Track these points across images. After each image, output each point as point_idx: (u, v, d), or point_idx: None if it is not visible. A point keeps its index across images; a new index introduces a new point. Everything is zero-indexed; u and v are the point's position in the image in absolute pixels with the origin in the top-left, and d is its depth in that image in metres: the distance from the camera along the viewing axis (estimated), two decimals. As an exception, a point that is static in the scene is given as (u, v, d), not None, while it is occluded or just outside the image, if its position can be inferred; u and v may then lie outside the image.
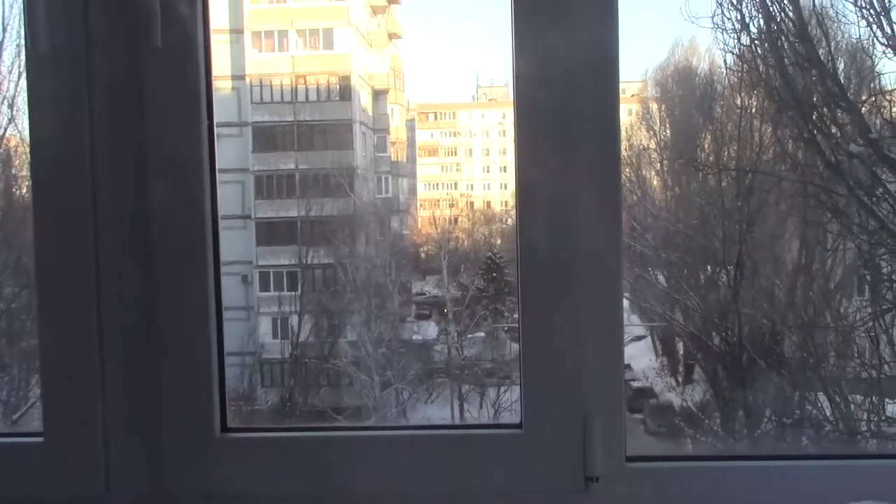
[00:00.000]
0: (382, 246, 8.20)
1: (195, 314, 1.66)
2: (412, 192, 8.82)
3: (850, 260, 5.65)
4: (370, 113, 8.11)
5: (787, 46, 4.79)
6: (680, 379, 7.59)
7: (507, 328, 8.14)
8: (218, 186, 1.67)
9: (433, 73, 8.71)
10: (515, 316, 7.74)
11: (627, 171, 6.72)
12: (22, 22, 1.63)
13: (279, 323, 7.75)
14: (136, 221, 1.63)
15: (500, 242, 8.73)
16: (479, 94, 8.90)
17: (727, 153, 6.17)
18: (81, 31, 1.60)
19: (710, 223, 6.28)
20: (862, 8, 4.58)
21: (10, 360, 6.00)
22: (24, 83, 1.70)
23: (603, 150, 1.61)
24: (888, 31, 4.59)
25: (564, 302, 1.61)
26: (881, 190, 4.77)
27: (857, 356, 5.35)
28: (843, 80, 4.85)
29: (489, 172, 8.78)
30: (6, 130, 5.84)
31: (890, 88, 4.68)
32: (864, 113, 4.79)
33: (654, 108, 7.19)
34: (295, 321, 7.70)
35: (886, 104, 4.71)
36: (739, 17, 4.89)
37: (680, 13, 5.02)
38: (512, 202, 8.82)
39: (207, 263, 1.65)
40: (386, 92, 8.23)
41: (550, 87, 1.58)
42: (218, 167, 1.68)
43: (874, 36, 4.60)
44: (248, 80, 7.56)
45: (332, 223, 7.86)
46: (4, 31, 5.51)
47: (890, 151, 4.65)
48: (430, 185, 8.88)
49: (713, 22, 4.89)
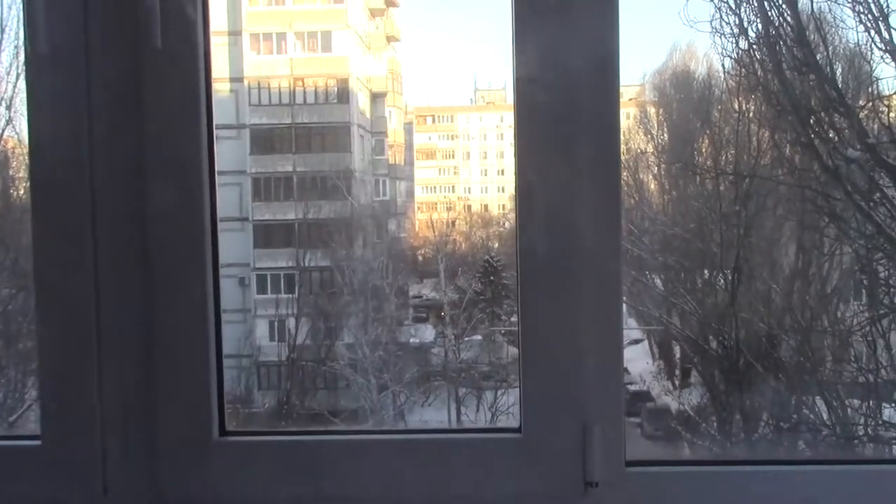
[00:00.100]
0: (380, 249, 8.20)
1: (194, 316, 1.65)
2: (410, 195, 8.82)
3: (846, 264, 5.65)
4: (368, 116, 8.11)
5: (785, 51, 4.80)
6: (677, 383, 7.59)
7: (504, 331, 8.14)
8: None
9: (431, 76, 8.72)
10: (513, 319, 7.79)
11: (625, 174, 6.73)
12: (20, 23, 1.63)
13: (276, 325, 7.74)
14: (134, 223, 1.62)
15: (497, 245, 8.74)
16: (476, 97, 8.92)
17: (725, 157, 6.18)
18: (81, 31, 1.59)
19: (707, 227, 6.29)
20: (860, 14, 4.58)
21: (6, 361, 5.99)
22: (21, 84, 1.70)
23: (603, 153, 1.60)
24: (886, 36, 4.59)
25: (564, 306, 1.60)
26: (878, 195, 4.77)
27: (854, 360, 5.35)
28: (840, 85, 4.86)
29: (487, 176, 8.78)
30: (4, 132, 5.84)
31: (888, 94, 4.69)
32: (861, 118, 4.79)
33: (651, 111, 7.20)
34: (292, 324, 7.70)
35: (884, 109, 4.71)
36: (738, 21, 4.90)
37: (678, 17, 5.03)
38: (509, 205, 8.84)
39: (206, 266, 1.65)
40: (384, 95, 8.23)
41: (551, 90, 1.58)
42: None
43: (872, 41, 4.61)
44: (246, 82, 7.56)
45: (329, 226, 7.86)
46: (3, 31, 5.51)
47: (887, 156, 4.65)
48: (427, 188, 8.88)
49: (712, 26, 4.90)
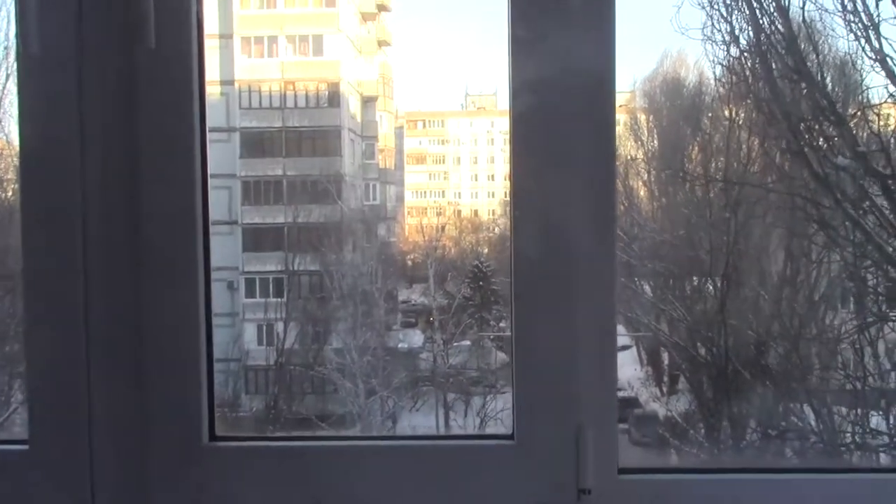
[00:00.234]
0: (369, 253, 8.19)
1: (184, 320, 1.64)
2: (400, 199, 8.81)
3: (834, 272, 5.67)
4: (359, 120, 8.10)
5: (776, 59, 4.81)
6: (665, 389, 7.60)
7: (492, 337, 8.13)
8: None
9: (422, 80, 8.71)
10: (501, 324, 7.77)
11: (615, 180, 6.73)
12: (11, 23, 1.61)
13: (264, 329, 7.71)
14: (126, 225, 1.61)
15: (486, 251, 8.74)
16: (467, 102, 8.92)
17: (715, 165, 6.20)
18: (73, 32, 1.58)
19: (696, 234, 6.30)
20: (850, 22, 4.60)
21: (-8, 364, 5.94)
22: (10, 85, 1.68)
23: (598, 160, 1.60)
24: (876, 45, 4.61)
25: (557, 312, 1.60)
26: (868, 203, 4.79)
27: (841, 368, 5.37)
28: (831, 93, 4.87)
29: (477, 181, 8.78)
30: (-7, 133, 5.79)
31: (877, 102, 4.71)
32: (851, 126, 4.81)
33: (641, 118, 7.22)
34: (280, 328, 7.67)
35: (874, 117, 4.72)
36: (729, 29, 4.91)
37: (669, 25, 5.04)
38: (499, 211, 8.84)
39: (197, 269, 1.63)
40: (375, 99, 8.22)
41: (546, 97, 1.57)
42: (205, 172, 1.66)
43: (862, 50, 4.63)
44: (236, 85, 7.54)
45: (319, 230, 7.84)
46: (-6, 31, 5.47)
47: (877, 165, 4.67)
48: (417, 192, 8.88)
49: (703, 33, 4.92)
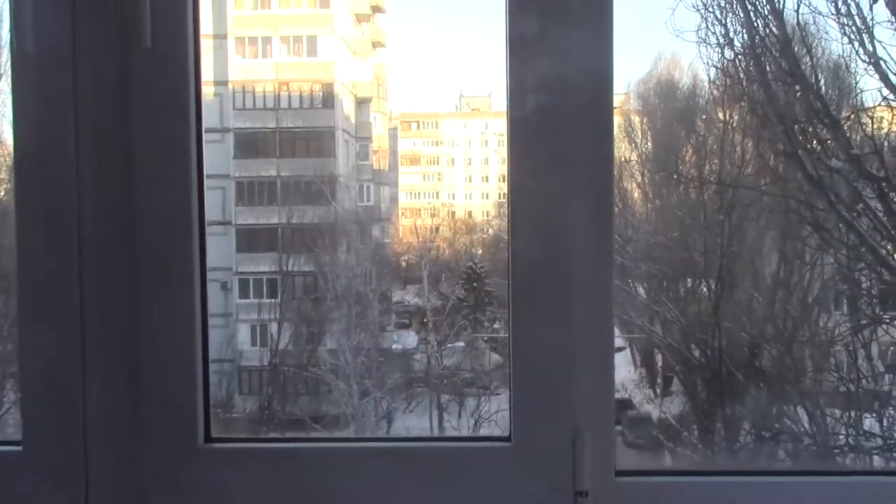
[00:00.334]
0: (363, 254, 8.17)
1: (180, 321, 1.63)
2: (394, 200, 8.80)
3: (828, 274, 5.69)
4: (353, 121, 8.08)
5: (770, 61, 4.82)
6: (658, 391, 7.60)
7: (486, 338, 8.12)
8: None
9: (417, 82, 8.70)
10: (495, 326, 7.75)
11: (609, 182, 6.73)
12: (6, 21, 1.60)
13: (258, 330, 7.69)
14: (121, 225, 1.60)
15: (481, 252, 8.73)
16: (462, 103, 8.91)
17: (709, 167, 6.21)
18: (69, 30, 1.57)
19: (690, 236, 6.31)
20: (844, 25, 4.61)
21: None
22: (3, 84, 1.67)
23: (596, 161, 1.59)
24: (869, 48, 4.62)
25: (555, 314, 1.60)
26: (861, 205, 4.80)
27: (835, 370, 5.38)
28: (824, 96, 4.88)
29: (471, 182, 8.77)
30: (-15, 132, 5.75)
31: (871, 105, 4.72)
32: (845, 129, 4.82)
33: (636, 120, 7.22)
34: (274, 328, 7.65)
35: (867, 120, 4.74)
36: (724, 31, 4.92)
37: (664, 27, 5.04)
38: (493, 212, 8.83)
39: (193, 270, 1.62)
40: (369, 100, 8.21)
41: (544, 97, 1.57)
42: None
43: (856, 53, 4.64)
44: (230, 86, 7.52)
45: (313, 231, 7.83)
46: (-13, 29, 5.43)
47: (870, 167, 4.68)
48: (411, 194, 8.87)
49: (698, 36, 4.92)
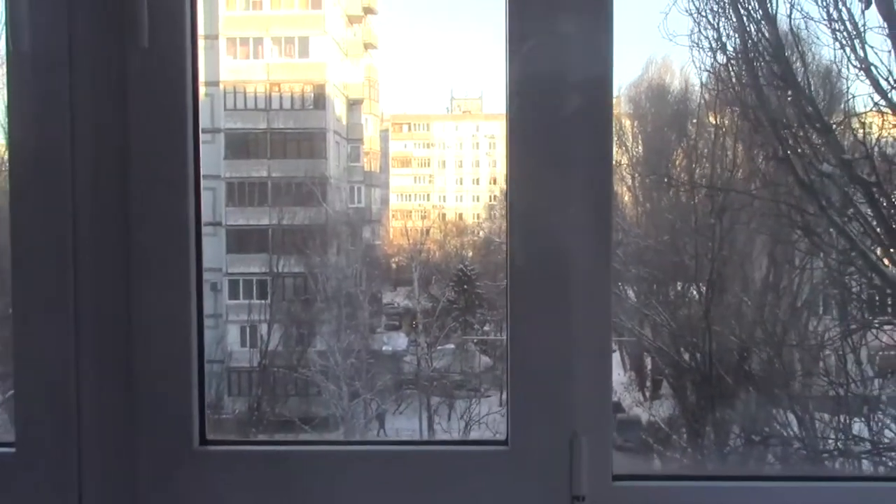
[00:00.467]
0: (354, 256, 8.16)
1: (175, 323, 1.62)
2: (385, 202, 8.78)
3: (817, 279, 5.71)
4: (344, 122, 8.07)
5: (763, 66, 4.84)
6: (647, 394, 7.61)
7: (476, 340, 8.12)
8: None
9: (408, 84, 8.69)
10: (486, 328, 7.74)
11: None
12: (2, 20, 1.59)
13: (248, 331, 7.67)
14: (117, 226, 1.59)
15: (471, 254, 8.73)
16: (453, 105, 8.90)
17: (700, 171, 6.22)
18: (65, 29, 1.56)
19: (681, 240, 6.32)
20: (836, 31, 4.62)
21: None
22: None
23: (594, 164, 1.59)
24: (861, 53, 4.64)
25: (552, 318, 1.59)
26: (852, 210, 4.82)
27: (825, 374, 5.39)
28: (815, 100, 4.90)
29: (462, 184, 8.77)
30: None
31: (862, 111, 4.73)
32: (836, 134, 4.84)
33: (626, 124, 7.23)
34: (264, 330, 7.63)
35: (859, 126, 4.75)
36: (716, 35, 4.93)
37: (656, 31, 5.05)
38: (484, 215, 8.83)
39: (189, 272, 1.62)
40: (360, 102, 8.19)
41: (544, 100, 1.57)
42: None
43: (848, 59, 4.65)
44: (221, 86, 7.49)
45: (303, 232, 7.81)
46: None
47: (861, 172, 4.70)
48: (402, 195, 8.85)
49: (690, 40, 4.93)
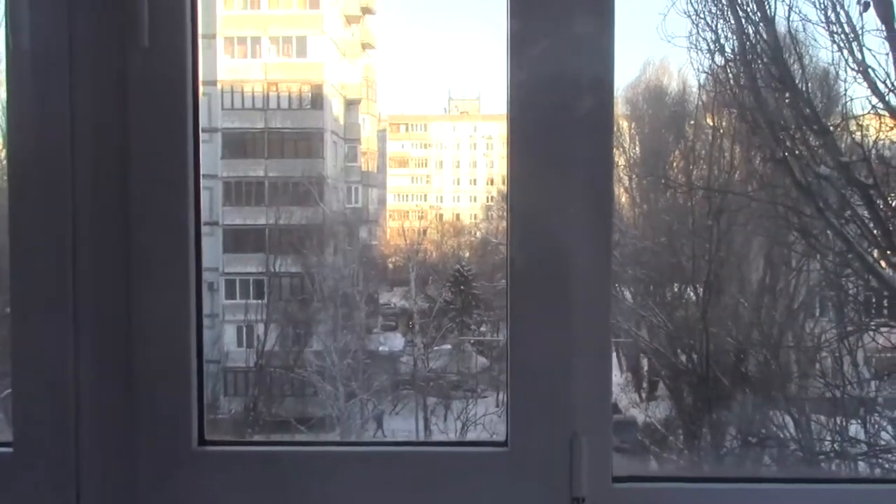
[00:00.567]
0: (351, 256, 8.16)
1: (174, 323, 1.61)
2: (382, 202, 8.79)
3: (814, 280, 5.71)
4: (342, 122, 8.07)
5: (760, 68, 4.84)
6: (644, 395, 7.62)
7: (473, 341, 8.13)
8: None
9: (406, 84, 8.69)
10: (482, 329, 7.74)
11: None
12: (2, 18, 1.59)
13: (244, 331, 7.66)
14: (116, 225, 1.58)
15: (468, 255, 8.73)
16: (450, 106, 8.91)
17: (697, 172, 6.23)
18: (65, 27, 1.55)
19: (678, 241, 6.32)
20: (834, 34, 4.63)
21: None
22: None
23: (595, 165, 1.59)
24: (858, 56, 4.64)
25: (552, 319, 1.59)
26: (849, 212, 4.82)
27: (821, 376, 5.40)
28: (813, 102, 4.90)
29: (459, 185, 8.77)
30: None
31: (860, 113, 4.74)
32: (834, 136, 4.84)
33: (624, 125, 7.24)
34: (261, 330, 7.62)
35: (856, 128, 4.76)
36: (714, 37, 4.94)
37: (654, 33, 5.06)
38: (481, 215, 8.84)
39: (189, 272, 1.61)
40: (358, 102, 8.20)
41: (545, 100, 1.57)
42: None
43: (845, 61, 4.66)
44: (219, 85, 7.49)
45: (300, 232, 7.81)
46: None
47: (859, 174, 4.70)
48: (399, 196, 8.86)
49: (689, 42, 4.94)
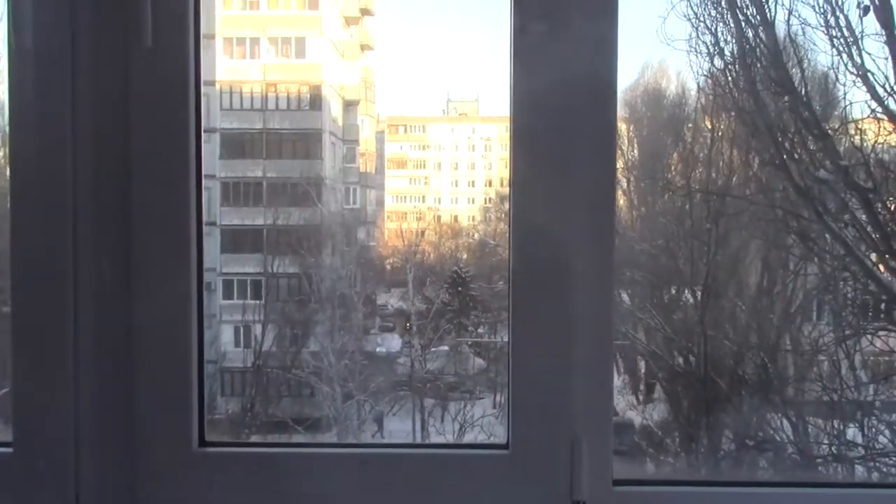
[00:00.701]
0: (348, 257, 8.14)
1: (175, 323, 1.61)
2: (380, 203, 8.78)
3: (811, 284, 5.72)
4: (340, 123, 8.06)
5: (760, 71, 4.84)
6: (641, 397, 7.62)
7: (470, 343, 8.12)
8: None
9: (404, 85, 8.69)
10: (479, 331, 7.74)
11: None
12: (3, 15, 1.58)
13: (242, 331, 7.65)
14: (117, 225, 1.58)
15: (466, 257, 8.73)
16: (449, 108, 8.91)
17: (696, 175, 6.23)
18: (67, 27, 1.55)
19: (675, 244, 6.33)
20: (833, 38, 4.63)
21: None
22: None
23: (598, 167, 1.59)
24: (857, 60, 4.64)
25: (554, 322, 1.59)
26: (848, 216, 4.83)
27: (818, 380, 5.40)
28: (812, 106, 4.91)
29: (457, 186, 8.77)
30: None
31: (859, 117, 4.74)
32: (833, 140, 4.85)
33: (622, 128, 7.24)
34: (258, 330, 7.61)
35: (855, 132, 4.76)
36: (714, 41, 4.94)
37: (653, 35, 5.05)
38: (479, 217, 8.83)
39: (190, 273, 1.61)
40: (357, 103, 8.19)
41: (548, 103, 1.57)
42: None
43: (845, 65, 4.66)
44: (217, 86, 7.47)
45: (298, 232, 7.80)
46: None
47: (858, 178, 4.70)
48: (397, 197, 8.85)
49: (688, 45, 4.94)
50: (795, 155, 4.88)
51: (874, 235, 4.79)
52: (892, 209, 4.85)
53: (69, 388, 1.60)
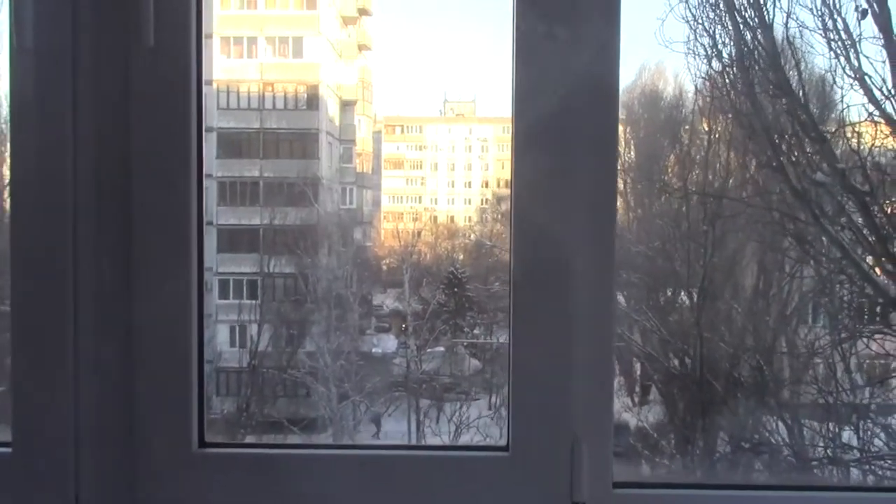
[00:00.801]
0: (345, 257, 8.13)
1: (175, 324, 1.61)
2: (376, 204, 8.77)
3: (807, 287, 5.72)
4: (337, 123, 8.05)
5: (757, 74, 4.85)
6: (636, 399, 7.62)
7: (466, 344, 8.12)
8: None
9: (401, 86, 8.68)
10: (475, 332, 7.74)
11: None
12: (5, 14, 1.58)
13: (237, 331, 7.64)
14: (118, 225, 1.58)
15: (462, 257, 8.72)
16: (446, 108, 8.90)
17: (693, 177, 6.23)
18: (69, 26, 1.55)
19: (672, 245, 6.33)
20: (831, 40, 4.64)
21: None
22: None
23: (599, 168, 1.59)
24: (855, 63, 4.65)
25: (555, 324, 1.59)
26: (845, 219, 4.83)
27: (814, 382, 5.41)
28: (810, 109, 4.91)
29: (454, 187, 8.77)
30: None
31: (857, 120, 4.74)
32: (830, 143, 4.85)
33: (619, 129, 7.24)
34: (254, 330, 7.60)
35: (852, 135, 4.77)
36: (712, 43, 4.94)
37: (651, 37, 5.05)
38: (476, 217, 8.83)
39: (191, 273, 1.61)
40: (354, 103, 8.18)
41: (550, 104, 1.57)
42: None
43: (842, 68, 4.66)
44: (215, 85, 7.46)
45: (294, 232, 7.79)
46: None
47: (855, 181, 4.71)
48: (394, 197, 8.85)
49: (686, 47, 4.94)
50: (792, 157, 4.88)
51: (870, 238, 4.79)
52: (888, 212, 4.86)
53: (69, 388, 1.60)
